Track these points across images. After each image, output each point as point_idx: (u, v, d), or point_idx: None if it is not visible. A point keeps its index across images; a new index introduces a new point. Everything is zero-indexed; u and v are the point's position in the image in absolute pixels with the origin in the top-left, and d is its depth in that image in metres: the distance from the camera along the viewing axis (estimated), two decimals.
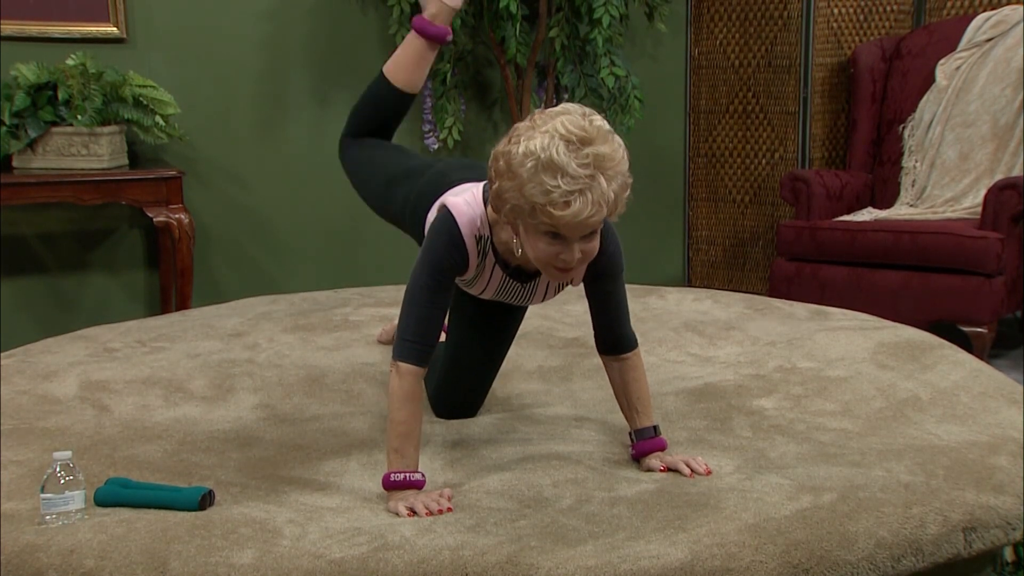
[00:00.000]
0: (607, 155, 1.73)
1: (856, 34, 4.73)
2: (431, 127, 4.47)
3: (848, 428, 2.19)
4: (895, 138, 4.50)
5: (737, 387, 2.44)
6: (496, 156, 1.80)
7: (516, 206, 1.77)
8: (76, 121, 3.59)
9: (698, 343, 2.81)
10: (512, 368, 2.56)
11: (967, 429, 2.17)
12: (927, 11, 4.71)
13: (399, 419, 1.88)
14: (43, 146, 3.62)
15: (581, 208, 1.72)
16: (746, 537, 1.65)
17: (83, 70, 3.64)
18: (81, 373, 2.53)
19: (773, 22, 4.75)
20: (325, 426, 2.26)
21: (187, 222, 3.73)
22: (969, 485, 1.87)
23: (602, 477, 1.93)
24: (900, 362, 2.56)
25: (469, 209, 1.94)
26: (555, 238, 1.77)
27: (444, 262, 1.93)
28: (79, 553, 1.63)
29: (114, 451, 2.09)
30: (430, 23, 2.41)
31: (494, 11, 4.18)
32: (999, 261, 3.76)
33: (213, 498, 1.83)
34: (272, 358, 2.67)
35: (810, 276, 4.16)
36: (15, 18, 3.83)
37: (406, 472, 1.85)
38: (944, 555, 1.74)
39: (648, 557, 1.59)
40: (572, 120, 1.74)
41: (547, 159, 1.71)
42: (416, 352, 1.89)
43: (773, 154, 4.83)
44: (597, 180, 1.72)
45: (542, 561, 1.58)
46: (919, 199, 4.32)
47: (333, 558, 1.60)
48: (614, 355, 2.05)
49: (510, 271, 2.02)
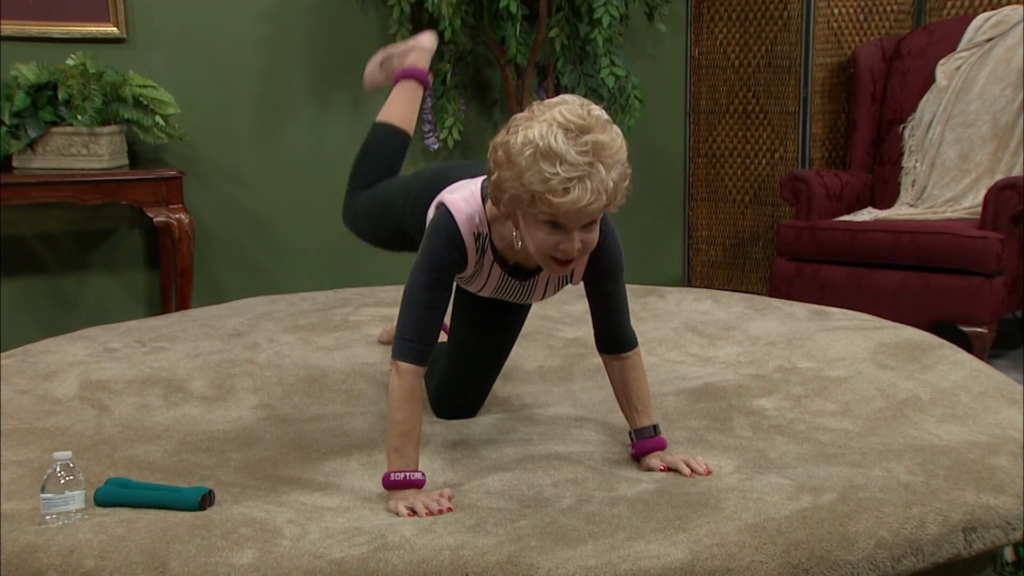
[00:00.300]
0: (606, 143, 1.73)
1: (856, 34, 4.73)
2: (431, 127, 4.47)
3: (848, 428, 2.19)
4: (895, 138, 4.50)
5: (737, 387, 2.44)
6: (495, 147, 1.80)
7: (515, 196, 1.76)
8: (76, 121, 3.59)
9: (698, 343, 2.81)
10: (512, 368, 2.56)
11: (967, 429, 2.17)
12: (927, 11, 4.71)
13: (399, 418, 1.88)
14: (43, 146, 3.62)
15: (580, 195, 1.72)
16: (746, 537, 1.65)
17: (83, 70, 3.64)
18: (81, 373, 2.53)
19: (773, 22, 4.75)
20: (325, 426, 2.26)
21: (187, 222, 3.73)
22: (969, 485, 1.87)
23: (602, 477, 1.93)
24: (900, 362, 2.56)
25: (467, 206, 1.94)
26: (555, 228, 1.77)
27: (443, 260, 1.92)
28: (79, 553, 1.63)
29: (114, 451, 2.09)
30: (412, 68, 2.55)
31: (494, 11, 4.18)
32: (999, 261, 3.76)
33: (213, 498, 1.83)
34: (272, 358, 2.67)
35: (810, 276, 4.16)
36: (15, 18, 3.83)
37: (406, 471, 1.85)
38: (944, 555, 1.74)
39: (648, 557, 1.59)
40: (570, 109, 1.74)
41: (545, 147, 1.71)
42: (415, 351, 1.89)
43: (773, 154, 4.83)
44: (596, 168, 1.72)
45: (542, 561, 1.58)
46: (919, 199, 4.32)
47: (333, 558, 1.60)
48: (614, 354, 2.05)
49: (509, 268, 2.02)
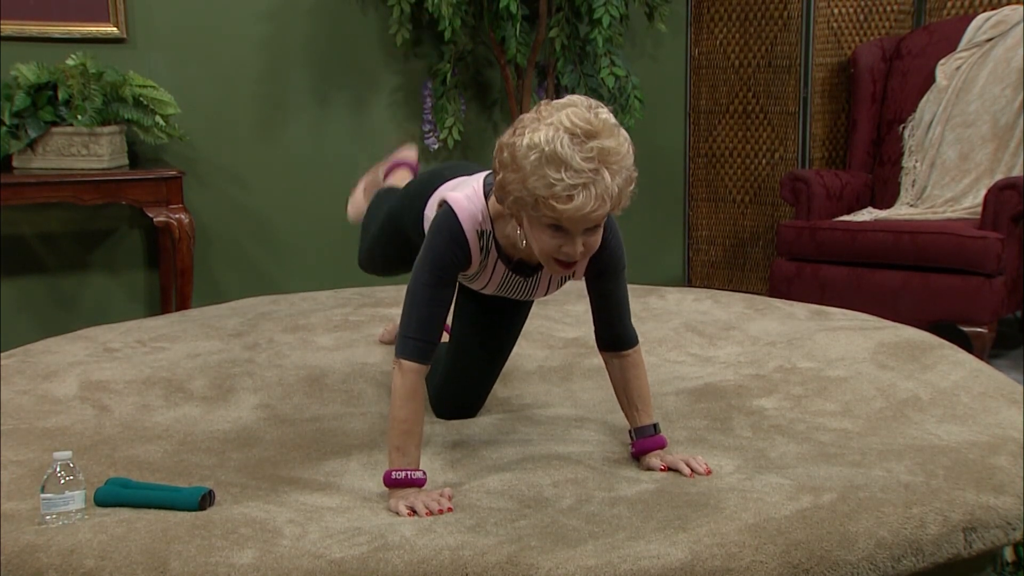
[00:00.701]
0: (612, 149, 1.72)
1: (856, 34, 4.73)
2: (431, 127, 4.46)
3: (848, 428, 2.19)
4: (895, 138, 4.50)
5: (737, 387, 2.43)
6: (501, 147, 1.79)
7: (519, 198, 1.76)
8: (76, 121, 3.59)
9: (698, 343, 2.81)
10: (512, 368, 2.56)
11: (967, 429, 2.17)
12: (927, 11, 4.71)
13: (401, 416, 1.88)
14: (43, 146, 3.62)
15: (584, 202, 1.71)
16: (746, 537, 1.65)
17: (83, 70, 3.64)
18: (81, 373, 2.53)
19: (773, 22, 4.74)
20: (325, 426, 2.26)
21: (187, 222, 3.73)
22: (969, 485, 1.87)
23: (602, 477, 1.93)
24: (900, 362, 2.56)
25: (470, 204, 1.93)
26: (558, 231, 1.77)
27: (446, 259, 1.92)
28: (79, 553, 1.63)
29: (114, 451, 2.09)
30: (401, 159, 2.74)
31: (494, 11, 4.18)
32: (999, 261, 3.76)
33: (213, 498, 1.83)
34: (272, 358, 2.66)
35: (810, 276, 4.16)
36: (15, 18, 3.83)
37: (407, 470, 1.85)
38: (944, 555, 1.74)
39: (648, 557, 1.59)
40: (577, 113, 1.73)
41: (551, 152, 1.70)
42: (419, 349, 1.89)
43: (773, 154, 4.83)
44: (601, 174, 1.71)
45: (542, 561, 1.58)
46: (919, 199, 4.32)
47: (333, 558, 1.60)
48: (615, 352, 2.05)
49: (512, 265, 2.02)
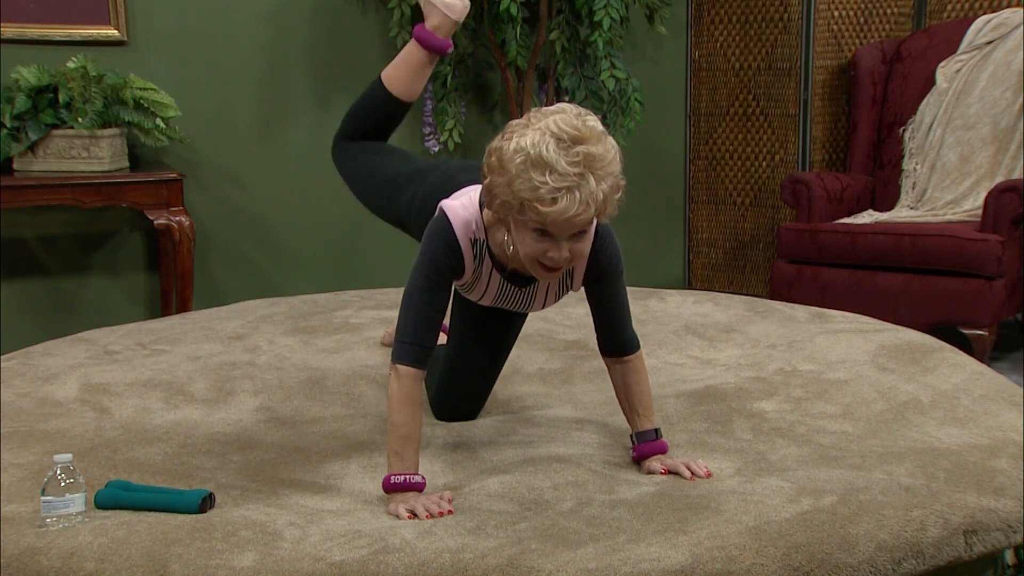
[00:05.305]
0: (598, 155, 1.74)
1: (856, 37, 4.73)
2: (431, 130, 4.47)
3: (849, 431, 2.19)
4: (895, 141, 4.50)
5: (738, 390, 2.43)
6: (489, 151, 1.81)
7: (505, 202, 1.77)
8: (77, 124, 3.59)
9: (699, 346, 2.81)
10: (513, 370, 2.56)
11: (968, 432, 2.17)
12: (927, 14, 4.72)
13: (399, 421, 1.88)
14: (44, 149, 3.62)
15: (568, 206, 1.72)
16: (747, 540, 1.65)
17: (84, 73, 3.64)
18: (82, 376, 2.53)
19: (773, 25, 4.75)
20: (326, 429, 2.26)
21: (187, 225, 3.73)
22: (970, 488, 1.87)
23: (603, 480, 1.93)
24: (901, 365, 2.56)
25: (464, 212, 1.95)
26: (543, 235, 1.78)
27: (440, 263, 1.93)
28: (79, 556, 1.63)
29: (115, 454, 2.09)
30: (432, 35, 2.40)
31: (494, 14, 4.18)
32: (999, 264, 3.76)
33: (213, 501, 1.83)
34: (273, 361, 2.67)
35: (811, 278, 4.16)
36: (16, 21, 3.83)
37: (406, 474, 1.85)
38: (945, 558, 1.74)
39: (649, 560, 1.59)
40: (565, 119, 1.75)
41: (536, 155, 1.72)
42: (414, 354, 1.89)
43: (773, 156, 4.83)
44: (586, 179, 1.73)
45: (543, 564, 1.58)
46: (919, 202, 4.32)
47: (333, 561, 1.60)
48: (616, 357, 2.06)
49: (507, 275, 2.02)
